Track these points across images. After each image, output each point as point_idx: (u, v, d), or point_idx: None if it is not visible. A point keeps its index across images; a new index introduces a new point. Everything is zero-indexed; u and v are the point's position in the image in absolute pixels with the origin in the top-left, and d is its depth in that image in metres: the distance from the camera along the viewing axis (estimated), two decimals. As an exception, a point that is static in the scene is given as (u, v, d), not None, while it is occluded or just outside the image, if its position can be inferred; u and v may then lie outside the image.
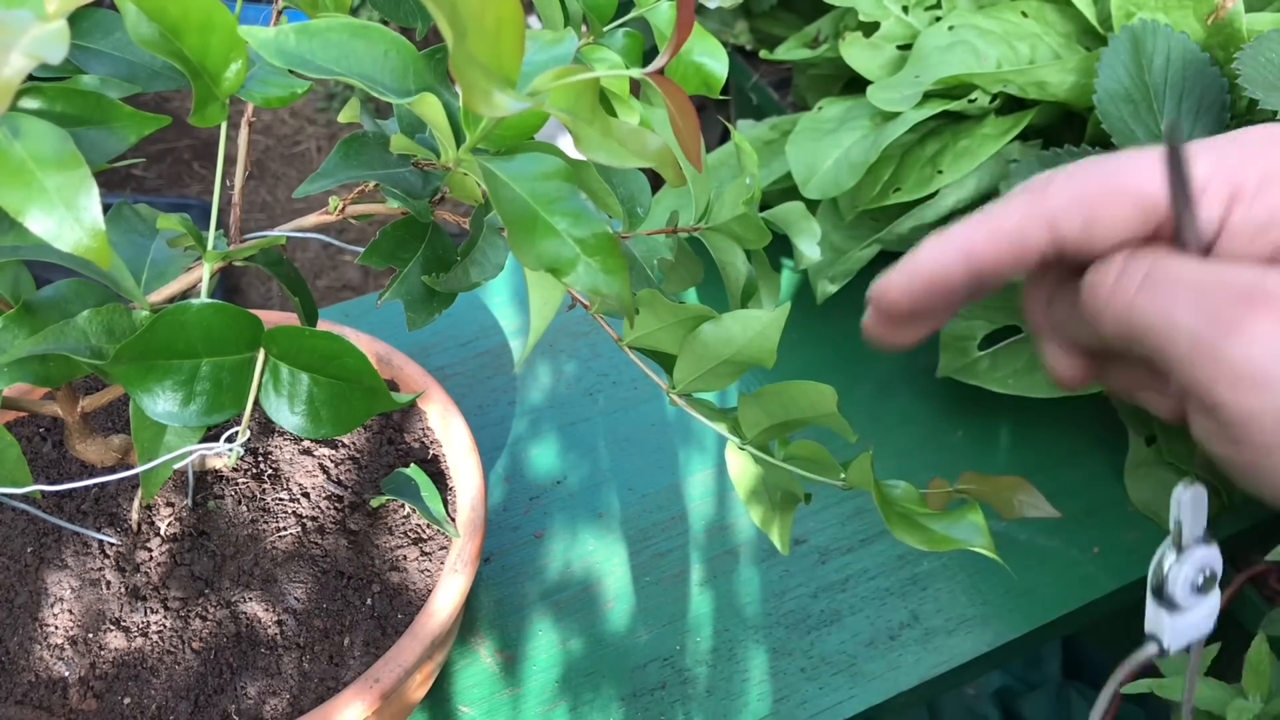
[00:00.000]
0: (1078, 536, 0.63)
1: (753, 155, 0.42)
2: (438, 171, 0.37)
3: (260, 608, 0.46)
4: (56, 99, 0.30)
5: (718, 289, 0.44)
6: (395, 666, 0.44)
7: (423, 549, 0.50)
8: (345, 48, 0.32)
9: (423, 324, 0.39)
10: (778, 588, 0.60)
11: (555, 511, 0.63)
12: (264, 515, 0.49)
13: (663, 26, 0.46)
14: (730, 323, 0.37)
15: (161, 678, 0.44)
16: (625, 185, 0.43)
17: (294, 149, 1.78)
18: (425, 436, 0.54)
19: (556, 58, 0.32)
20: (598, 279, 0.31)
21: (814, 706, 0.55)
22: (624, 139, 0.29)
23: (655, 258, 0.44)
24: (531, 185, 0.31)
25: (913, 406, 0.70)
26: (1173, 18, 0.58)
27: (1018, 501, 0.37)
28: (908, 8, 0.71)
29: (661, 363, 0.40)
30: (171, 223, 0.37)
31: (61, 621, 0.46)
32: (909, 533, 0.35)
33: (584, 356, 0.72)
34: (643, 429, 0.68)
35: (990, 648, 0.58)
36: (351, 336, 0.55)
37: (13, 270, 0.36)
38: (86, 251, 0.26)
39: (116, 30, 0.36)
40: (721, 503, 0.64)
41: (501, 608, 0.59)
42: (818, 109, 0.70)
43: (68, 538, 0.48)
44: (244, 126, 0.40)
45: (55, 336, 0.34)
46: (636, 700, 0.55)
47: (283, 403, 0.37)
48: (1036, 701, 0.89)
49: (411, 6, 0.41)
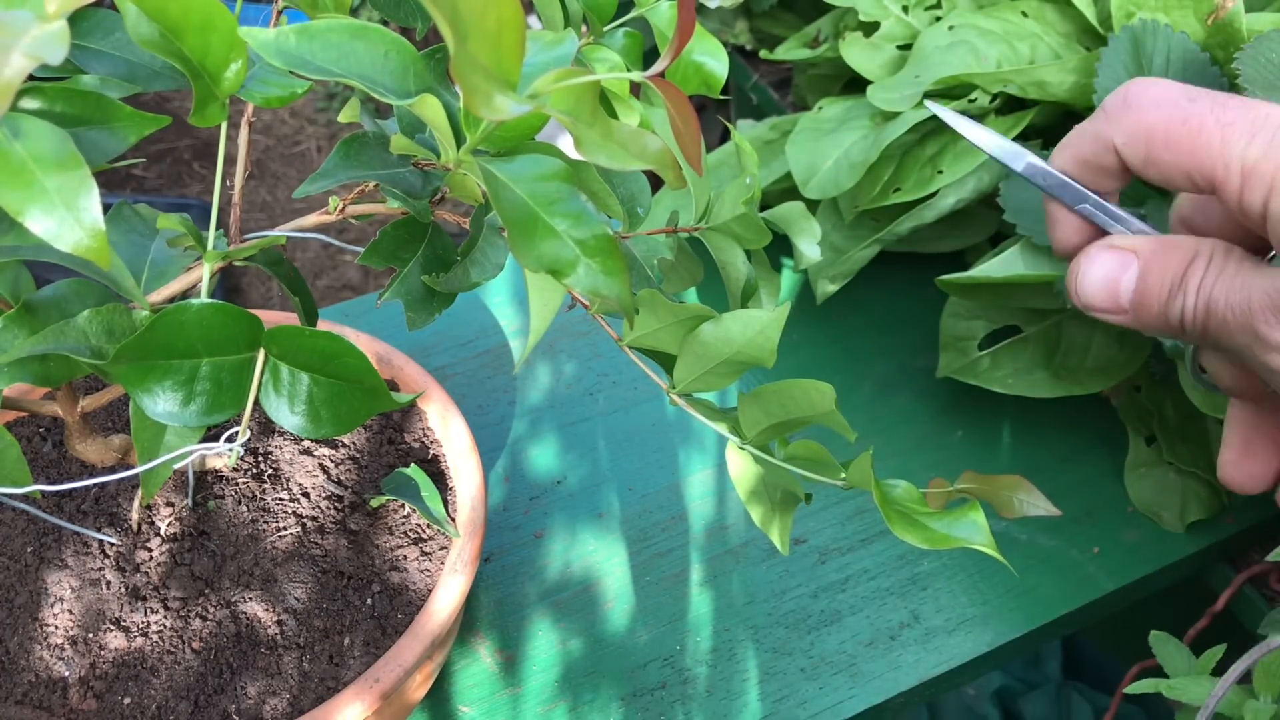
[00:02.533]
0: (1078, 536, 0.63)
1: (753, 155, 0.42)
2: (438, 172, 0.37)
3: (260, 608, 0.47)
4: (57, 99, 0.30)
5: (718, 289, 0.44)
6: (395, 666, 0.44)
7: (423, 549, 0.50)
8: (345, 49, 0.32)
9: (423, 324, 0.39)
10: (778, 588, 0.60)
11: (555, 511, 0.63)
12: (264, 515, 0.49)
13: (663, 26, 0.46)
14: (730, 322, 0.37)
15: (161, 678, 0.44)
16: (625, 185, 0.43)
17: (294, 149, 1.78)
18: (425, 436, 0.54)
19: (557, 59, 0.32)
20: (598, 280, 0.31)
21: (814, 706, 0.55)
22: (625, 141, 0.29)
23: (655, 258, 0.44)
24: (531, 186, 0.31)
25: (913, 406, 0.70)
26: (1173, 18, 0.58)
27: (1018, 500, 0.37)
28: (908, 8, 0.71)
29: (661, 363, 0.40)
30: (171, 223, 0.37)
31: (61, 621, 0.46)
32: (910, 531, 0.35)
33: (584, 356, 0.72)
34: (643, 429, 0.68)
35: (990, 648, 0.58)
36: (351, 336, 0.55)
37: (13, 270, 0.36)
38: (86, 252, 0.26)
39: (116, 30, 0.36)
40: (721, 503, 0.64)
41: (501, 608, 0.59)
42: (818, 109, 0.70)
43: (68, 538, 0.48)
44: (244, 126, 0.40)
45: (55, 336, 0.34)
46: (636, 700, 0.55)
47: (283, 403, 0.37)
48: (1036, 701, 0.89)
49: (412, 7, 0.41)
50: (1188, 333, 0.32)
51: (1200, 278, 0.31)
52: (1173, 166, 0.31)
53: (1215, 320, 0.30)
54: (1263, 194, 0.29)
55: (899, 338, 0.74)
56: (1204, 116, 0.30)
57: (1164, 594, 0.64)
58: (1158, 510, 0.64)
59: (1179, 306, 0.31)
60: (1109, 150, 0.32)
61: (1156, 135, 0.31)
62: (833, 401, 0.36)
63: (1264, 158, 0.29)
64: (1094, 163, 0.33)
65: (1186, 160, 0.30)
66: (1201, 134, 0.30)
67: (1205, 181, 0.30)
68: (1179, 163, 0.30)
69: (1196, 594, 0.64)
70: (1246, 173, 0.29)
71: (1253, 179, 0.29)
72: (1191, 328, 0.31)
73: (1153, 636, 0.52)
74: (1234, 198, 0.30)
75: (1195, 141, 0.30)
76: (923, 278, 0.62)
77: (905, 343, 0.74)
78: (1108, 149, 0.32)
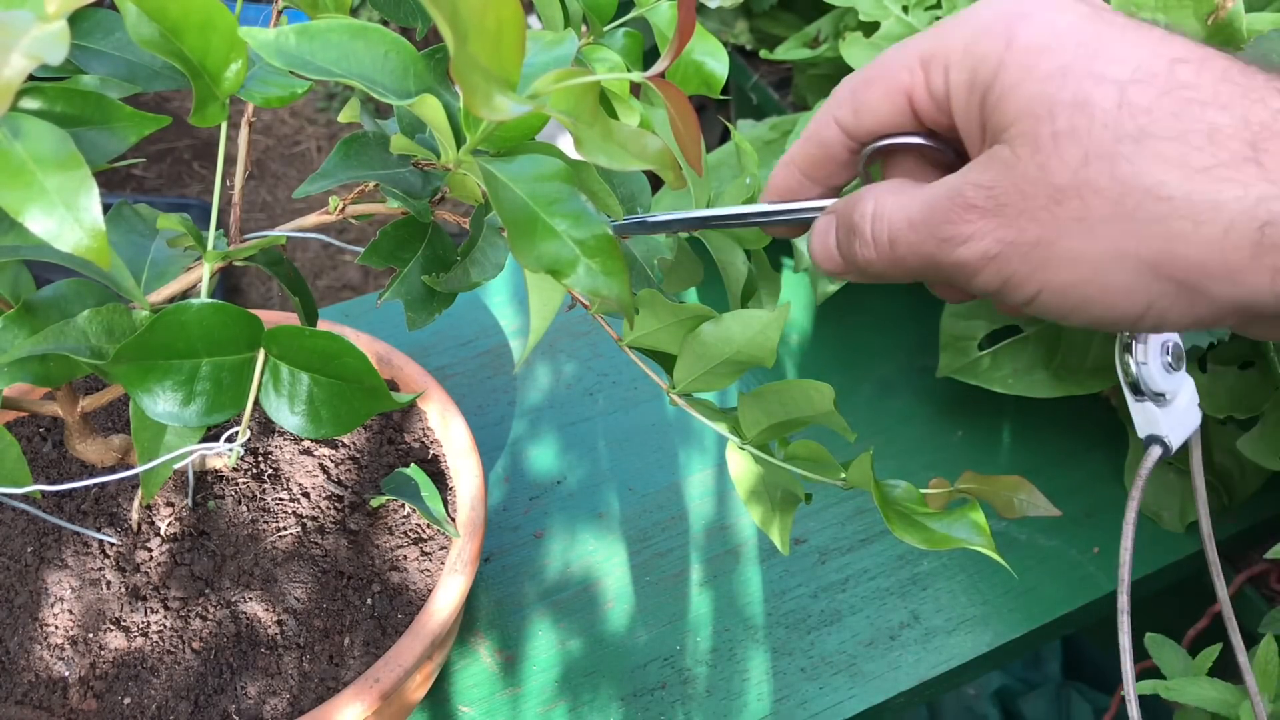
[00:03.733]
0: (1078, 536, 0.63)
1: (753, 155, 0.42)
2: (438, 172, 0.37)
3: (260, 608, 0.47)
4: (57, 99, 0.30)
5: (718, 289, 0.44)
6: (395, 666, 0.44)
7: (423, 549, 0.50)
8: (345, 49, 0.32)
9: (423, 324, 0.39)
10: (778, 588, 0.60)
11: (555, 511, 0.63)
12: (264, 515, 0.49)
13: (663, 26, 0.46)
14: (730, 322, 0.37)
15: (161, 678, 0.44)
16: (625, 185, 0.43)
17: (294, 149, 1.78)
18: (425, 436, 0.54)
19: (557, 59, 0.32)
20: (597, 281, 0.31)
21: (814, 706, 0.55)
22: (624, 141, 0.29)
23: (655, 258, 0.44)
24: (531, 187, 0.31)
25: (913, 406, 0.70)
26: (1173, 17, 0.58)
27: (1018, 500, 0.37)
28: (908, 8, 0.71)
29: (661, 363, 0.40)
30: (171, 223, 0.37)
31: (61, 621, 0.46)
32: (909, 532, 0.35)
33: (584, 356, 0.72)
34: (643, 429, 0.68)
35: (990, 648, 0.58)
36: (351, 336, 0.55)
37: (13, 270, 0.36)
38: (86, 252, 0.26)
39: (116, 30, 0.36)
40: (721, 503, 0.64)
41: (501, 608, 0.59)
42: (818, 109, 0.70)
43: (68, 538, 0.48)
44: (244, 126, 0.40)
45: (55, 336, 0.34)
46: (636, 700, 0.55)
47: (283, 403, 0.37)
48: (1036, 701, 0.89)
49: (412, 7, 0.41)
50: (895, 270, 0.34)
51: (871, 215, 0.33)
52: (874, 96, 0.33)
53: (902, 245, 0.32)
54: (941, 74, 0.31)
55: (899, 338, 0.74)
56: (887, 51, 0.33)
57: (1164, 594, 0.64)
58: (1158, 510, 0.63)
59: (870, 245, 0.33)
60: (830, 125, 0.35)
61: (856, 83, 0.34)
62: (832, 402, 0.36)
63: (935, 43, 0.32)
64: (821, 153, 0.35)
65: (879, 85, 0.33)
66: (885, 57, 0.33)
67: (900, 95, 0.33)
68: (877, 91, 0.33)
69: (1196, 594, 0.64)
70: (924, 63, 0.32)
71: (931, 65, 0.32)
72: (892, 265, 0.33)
73: (1149, 638, 0.52)
74: (923, 94, 0.32)
75: (883, 65, 0.33)
76: (923, 278, 0.62)
77: (905, 343, 0.74)
78: (829, 124, 0.35)
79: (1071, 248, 0.29)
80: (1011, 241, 0.29)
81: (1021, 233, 0.29)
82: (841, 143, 0.35)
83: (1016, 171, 0.29)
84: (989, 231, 0.30)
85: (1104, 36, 0.29)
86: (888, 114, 0.33)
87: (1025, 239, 0.29)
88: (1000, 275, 0.30)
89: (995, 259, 0.30)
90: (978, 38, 0.30)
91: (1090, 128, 0.28)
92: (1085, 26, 0.29)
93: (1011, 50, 0.29)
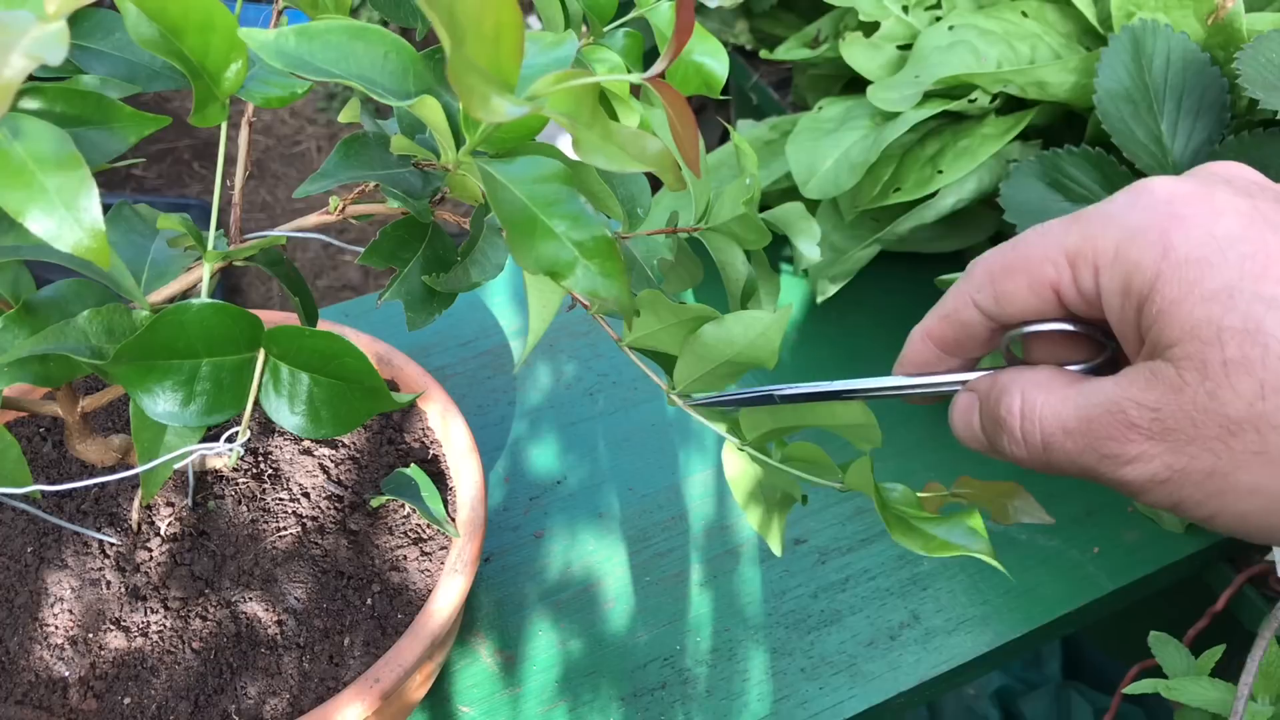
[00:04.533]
0: (1078, 536, 0.63)
1: (752, 155, 0.42)
2: (438, 172, 0.37)
3: (260, 608, 0.47)
4: (57, 99, 0.30)
5: (718, 289, 0.44)
6: (395, 666, 0.44)
7: (423, 549, 0.50)
8: (345, 50, 0.32)
9: (423, 324, 0.39)
10: (778, 588, 0.60)
11: (555, 511, 0.63)
12: (264, 515, 0.49)
13: (663, 26, 0.46)
14: (732, 323, 0.37)
15: (161, 678, 0.44)
16: (625, 186, 0.43)
17: (294, 149, 1.78)
18: (425, 436, 0.54)
19: (557, 60, 0.32)
20: (597, 282, 0.31)
21: (814, 706, 0.55)
22: (624, 143, 0.29)
23: (655, 258, 0.44)
24: (531, 188, 0.31)
25: (912, 407, 0.70)
26: (1173, 18, 0.58)
27: (1012, 507, 0.37)
28: (908, 8, 0.71)
29: (662, 363, 0.40)
30: (171, 223, 0.37)
31: (61, 621, 0.46)
32: (908, 537, 0.35)
33: (584, 356, 0.72)
34: (643, 429, 0.68)
35: (990, 648, 0.58)
36: (351, 336, 0.55)
37: (13, 270, 0.36)
38: (86, 252, 0.26)
39: (116, 30, 0.36)
40: (721, 503, 0.64)
41: (501, 608, 0.59)
42: (818, 109, 0.70)
43: (68, 538, 0.48)
44: (244, 126, 0.40)
45: (55, 336, 0.34)
46: (636, 700, 0.55)
47: (283, 403, 0.37)
48: (1036, 701, 0.89)
49: (411, 7, 0.41)
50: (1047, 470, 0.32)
51: (1021, 415, 0.32)
52: (1017, 287, 0.32)
53: (1057, 452, 0.31)
54: (1090, 274, 0.30)
55: (899, 338, 0.74)
56: (1027, 234, 0.32)
57: (1164, 594, 0.64)
58: (1157, 511, 0.63)
59: (1021, 444, 0.32)
60: (969, 305, 0.33)
61: (995, 269, 0.33)
62: (863, 418, 0.36)
63: (1083, 241, 0.30)
64: (960, 332, 0.34)
65: (1021, 276, 0.32)
66: (1026, 246, 0.32)
67: (1046, 288, 0.31)
68: (1020, 282, 0.32)
69: (1196, 594, 0.64)
70: (1071, 260, 0.30)
71: (1079, 263, 0.30)
72: (1044, 467, 0.32)
73: (1152, 637, 0.52)
74: (1071, 290, 0.31)
75: (1024, 255, 0.32)
76: (923, 278, 0.62)
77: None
78: (967, 305, 0.34)
79: (1250, 481, 0.28)
80: (1183, 469, 0.28)
81: (1193, 460, 0.28)
82: (982, 324, 0.34)
83: (1184, 397, 0.28)
84: (1157, 455, 0.29)
85: (1269, 247, 0.27)
86: (1034, 305, 0.32)
87: (1198, 467, 0.28)
88: (1172, 498, 0.29)
89: (1165, 483, 0.29)
90: (1131, 241, 0.29)
91: (1265, 358, 0.27)
92: (1248, 235, 0.28)
93: (1168, 261, 0.28)
